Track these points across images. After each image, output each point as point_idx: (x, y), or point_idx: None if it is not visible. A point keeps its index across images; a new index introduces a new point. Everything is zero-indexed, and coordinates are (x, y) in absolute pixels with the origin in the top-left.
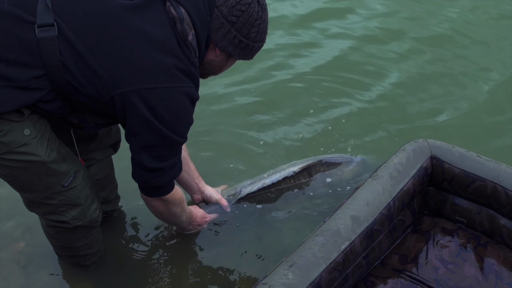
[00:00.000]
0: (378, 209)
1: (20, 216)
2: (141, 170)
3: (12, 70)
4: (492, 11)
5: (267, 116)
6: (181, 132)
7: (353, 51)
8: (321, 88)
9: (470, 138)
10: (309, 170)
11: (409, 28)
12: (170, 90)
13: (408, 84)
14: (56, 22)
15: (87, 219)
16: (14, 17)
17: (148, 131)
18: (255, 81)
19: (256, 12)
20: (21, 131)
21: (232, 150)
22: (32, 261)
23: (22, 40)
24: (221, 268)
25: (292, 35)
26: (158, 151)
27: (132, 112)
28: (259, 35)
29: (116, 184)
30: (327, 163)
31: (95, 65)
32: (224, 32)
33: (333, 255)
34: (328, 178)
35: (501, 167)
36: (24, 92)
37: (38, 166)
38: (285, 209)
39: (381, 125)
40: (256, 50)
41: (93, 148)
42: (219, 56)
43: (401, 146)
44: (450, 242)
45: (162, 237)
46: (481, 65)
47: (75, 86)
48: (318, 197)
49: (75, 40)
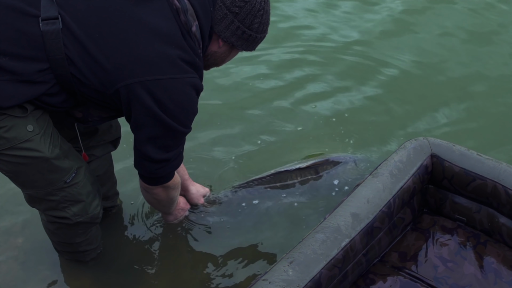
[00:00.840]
0: (378, 206)
1: (19, 212)
2: (146, 161)
3: (16, 63)
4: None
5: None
6: (186, 122)
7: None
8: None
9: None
10: (315, 168)
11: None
12: (174, 81)
13: (409, 82)
14: (60, 15)
15: (88, 216)
16: (18, 10)
17: (153, 122)
18: (252, 79)
19: (259, 3)
20: (24, 127)
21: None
22: (31, 257)
23: (26, 34)
24: (220, 264)
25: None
26: (163, 142)
27: (137, 104)
28: (262, 26)
29: (115, 180)
30: (333, 162)
31: (100, 58)
32: (227, 23)
33: (333, 252)
34: (335, 177)
35: (501, 165)
36: (29, 86)
37: (41, 162)
38: (288, 205)
39: (382, 122)
40: (259, 41)
41: (93, 145)
42: (222, 47)
43: (402, 144)
44: (450, 240)
45: (161, 233)
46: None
47: (80, 79)
48: (322, 195)
49: (79, 33)
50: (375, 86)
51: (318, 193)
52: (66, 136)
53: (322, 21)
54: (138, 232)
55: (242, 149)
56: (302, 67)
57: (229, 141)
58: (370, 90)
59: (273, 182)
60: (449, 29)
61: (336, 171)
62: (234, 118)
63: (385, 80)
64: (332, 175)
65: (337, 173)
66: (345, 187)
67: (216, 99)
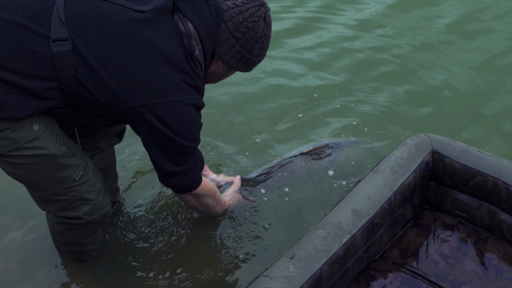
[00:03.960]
0: (379, 203)
1: (18, 210)
2: (165, 176)
3: (25, 81)
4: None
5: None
6: (193, 138)
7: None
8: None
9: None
10: (317, 152)
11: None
12: (178, 102)
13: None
14: (70, 36)
15: (99, 213)
16: (29, 30)
17: (161, 140)
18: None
19: (261, 30)
20: (30, 126)
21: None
22: (30, 255)
23: (36, 54)
24: (221, 260)
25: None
26: (174, 156)
27: (143, 124)
28: (261, 50)
29: (116, 175)
30: (334, 146)
31: (108, 80)
32: (228, 46)
33: (334, 248)
34: (335, 161)
35: (502, 162)
36: (37, 100)
37: (48, 160)
38: (289, 197)
39: (383, 120)
40: (256, 64)
41: (99, 137)
42: (221, 68)
43: (403, 140)
44: (451, 236)
45: (161, 230)
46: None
47: (87, 98)
48: (326, 181)
49: (88, 55)
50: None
51: (321, 178)
52: (69, 135)
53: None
54: (138, 229)
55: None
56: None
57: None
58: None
59: (275, 172)
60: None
61: (337, 154)
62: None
63: (392, 75)
64: (333, 159)
65: (338, 157)
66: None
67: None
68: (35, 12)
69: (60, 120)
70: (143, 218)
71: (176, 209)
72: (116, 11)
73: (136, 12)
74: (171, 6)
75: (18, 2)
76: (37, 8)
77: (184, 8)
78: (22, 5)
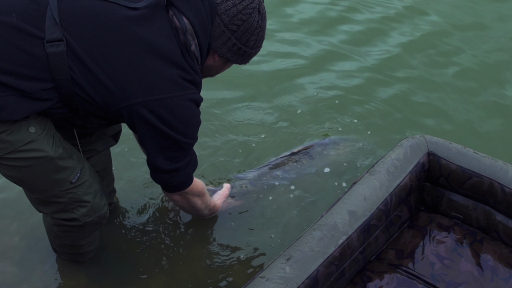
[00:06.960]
0: (375, 204)
1: (15, 212)
2: (157, 172)
3: (20, 82)
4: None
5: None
6: (191, 134)
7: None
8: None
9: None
10: (308, 151)
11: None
12: (176, 98)
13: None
14: (64, 37)
15: (96, 215)
16: (24, 31)
17: (158, 137)
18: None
19: (256, 21)
20: (26, 129)
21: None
22: (27, 257)
23: (31, 55)
24: (217, 261)
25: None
26: (171, 153)
27: (141, 122)
28: (257, 42)
29: (113, 177)
30: (322, 145)
31: (104, 79)
32: (224, 39)
33: (330, 249)
34: (326, 158)
35: (497, 163)
36: (33, 101)
37: (45, 163)
38: (285, 197)
39: (385, 118)
40: (253, 55)
41: (95, 139)
42: (217, 62)
43: (398, 142)
44: (446, 237)
45: (157, 231)
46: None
47: (84, 98)
48: (319, 179)
49: (83, 55)
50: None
51: (314, 177)
52: (66, 137)
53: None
54: (134, 230)
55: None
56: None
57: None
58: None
59: (269, 171)
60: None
61: (327, 152)
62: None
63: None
64: (323, 156)
65: (328, 154)
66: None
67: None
68: (29, 13)
69: (58, 123)
70: (140, 219)
71: (172, 210)
72: (110, 10)
73: (130, 9)
74: (165, 1)
75: (12, 3)
76: (31, 9)
77: (178, 3)
78: (16, 6)
